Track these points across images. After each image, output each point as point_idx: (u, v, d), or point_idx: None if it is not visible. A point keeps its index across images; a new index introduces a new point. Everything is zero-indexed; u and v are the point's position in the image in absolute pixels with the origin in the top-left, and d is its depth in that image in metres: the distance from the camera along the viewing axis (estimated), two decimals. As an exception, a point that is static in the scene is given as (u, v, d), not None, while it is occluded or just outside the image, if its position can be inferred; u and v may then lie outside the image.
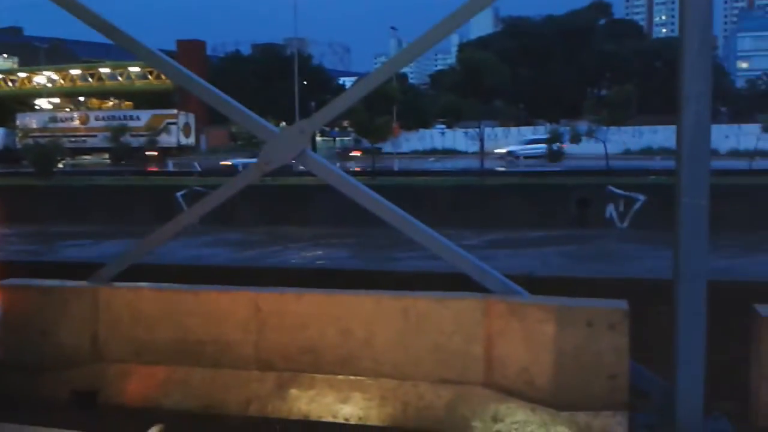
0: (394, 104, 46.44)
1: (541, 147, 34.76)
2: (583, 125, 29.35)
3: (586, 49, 74.82)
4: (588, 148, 28.16)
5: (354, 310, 4.93)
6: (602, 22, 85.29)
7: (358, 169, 29.58)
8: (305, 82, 63.35)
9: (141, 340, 5.21)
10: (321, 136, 65.23)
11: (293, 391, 4.90)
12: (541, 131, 43.37)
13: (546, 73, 73.09)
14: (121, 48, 5.72)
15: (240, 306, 5.12)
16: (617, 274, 8.30)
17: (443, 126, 63.14)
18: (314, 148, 41.47)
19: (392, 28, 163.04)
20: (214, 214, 5.63)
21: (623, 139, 47.47)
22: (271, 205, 15.13)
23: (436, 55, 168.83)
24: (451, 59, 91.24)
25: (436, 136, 61.52)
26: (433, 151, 55.85)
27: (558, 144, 26.55)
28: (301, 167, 5.57)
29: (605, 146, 25.94)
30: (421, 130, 65.21)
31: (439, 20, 4.89)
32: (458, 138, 55.33)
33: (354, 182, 5.25)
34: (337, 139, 69.89)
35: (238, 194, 5.48)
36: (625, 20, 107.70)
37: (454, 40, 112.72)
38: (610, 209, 14.04)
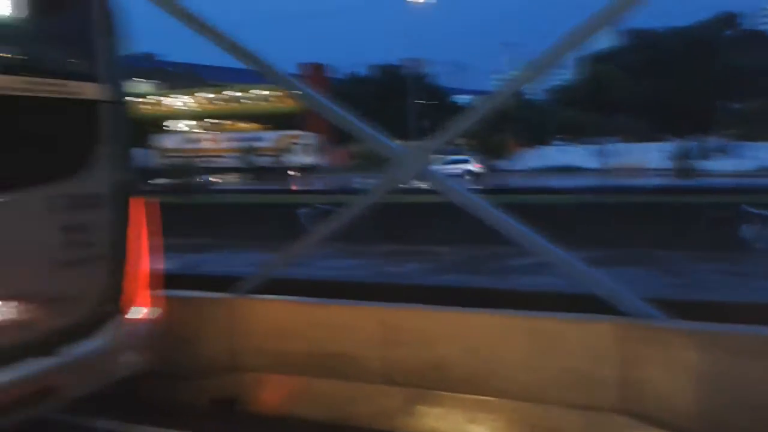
0: (512, 121, 45.81)
1: (460, 167, 43.78)
2: (713, 141, 27.88)
3: (714, 62, 70.79)
4: (720, 164, 26.67)
5: (479, 329, 4.90)
6: (728, 33, 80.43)
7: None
8: (422, 101, 63.87)
9: (274, 351, 5.41)
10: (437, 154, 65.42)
11: (420, 408, 4.92)
12: (668, 147, 41.51)
13: (671, 86, 69.74)
14: (253, 72, 5.96)
15: (366, 321, 5.21)
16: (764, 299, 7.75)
17: (562, 142, 61.44)
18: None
19: (505, 44, 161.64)
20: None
21: (759, 156, 44.55)
22: (393, 223, 15.29)
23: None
24: (568, 74, 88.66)
25: (556, 153, 59.79)
26: (553, 169, 54.25)
27: (688, 160, 25.31)
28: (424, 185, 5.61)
29: (740, 163, 24.50)
30: (540, 147, 63.86)
31: (559, 37, 4.77)
32: (580, 154, 53.50)
33: (477, 199, 5.23)
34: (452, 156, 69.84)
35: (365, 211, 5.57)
36: (755, 31, 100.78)
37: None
38: (746, 229, 13.22)
